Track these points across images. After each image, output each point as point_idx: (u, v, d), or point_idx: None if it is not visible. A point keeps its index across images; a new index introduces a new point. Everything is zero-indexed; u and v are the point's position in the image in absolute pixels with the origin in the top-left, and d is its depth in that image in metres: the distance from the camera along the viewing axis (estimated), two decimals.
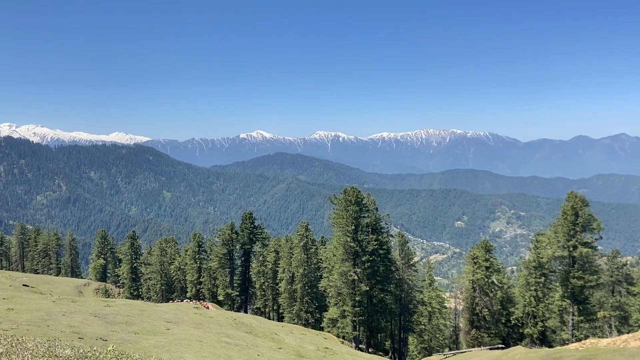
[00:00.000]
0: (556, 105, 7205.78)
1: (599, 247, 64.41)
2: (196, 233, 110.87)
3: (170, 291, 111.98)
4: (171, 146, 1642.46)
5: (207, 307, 56.92)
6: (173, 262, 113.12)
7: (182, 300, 67.68)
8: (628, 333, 45.54)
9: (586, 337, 58.88)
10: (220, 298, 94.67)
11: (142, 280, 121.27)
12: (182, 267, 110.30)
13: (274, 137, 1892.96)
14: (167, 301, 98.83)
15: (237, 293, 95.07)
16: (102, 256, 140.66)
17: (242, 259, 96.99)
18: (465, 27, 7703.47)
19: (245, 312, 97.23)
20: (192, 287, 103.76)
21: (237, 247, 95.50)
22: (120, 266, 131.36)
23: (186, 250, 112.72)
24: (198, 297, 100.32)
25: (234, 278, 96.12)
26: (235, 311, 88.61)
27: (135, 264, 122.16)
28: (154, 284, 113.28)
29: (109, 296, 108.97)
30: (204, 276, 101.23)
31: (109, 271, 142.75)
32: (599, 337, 58.95)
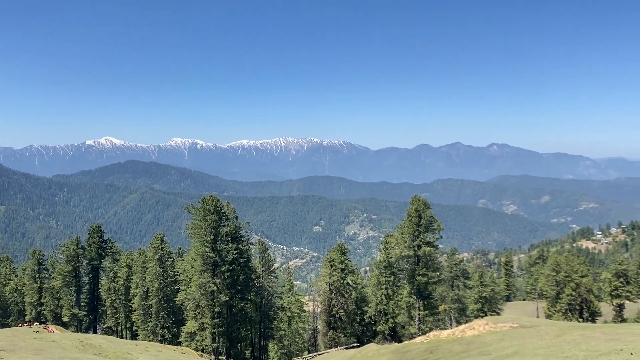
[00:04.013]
0: (401, 115, 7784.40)
1: (440, 246, 70.89)
2: (36, 250, 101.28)
3: (6, 315, 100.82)
4: (5, 154, 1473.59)
5: (52, 331, 52.02)
6: (8, 283, 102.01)
7: (22, 325, 60.99)
8: (465, 323, 50.49)
9: (430, 329, 64.15)
10: (66, 319, 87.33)
11: None
12: (19, 288, 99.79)
13: (125, 144, 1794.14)
14: (2, 327, 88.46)
15: (85, 313, 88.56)
16: None
17: (90, 275, 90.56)
18: (313, 40, 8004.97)
19: (95, 332, 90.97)
20: (32, 310, 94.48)
21: (84, 263, 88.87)
22: None
23: (24, 270, 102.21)
24: (39, 320, 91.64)
25: (81, 297, 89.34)
26: (83, 332, 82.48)
27: None
28: None
29: None
30: (45, 297, 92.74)
31: None
32: (441, 328, 64.70)
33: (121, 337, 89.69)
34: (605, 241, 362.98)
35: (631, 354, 21.13)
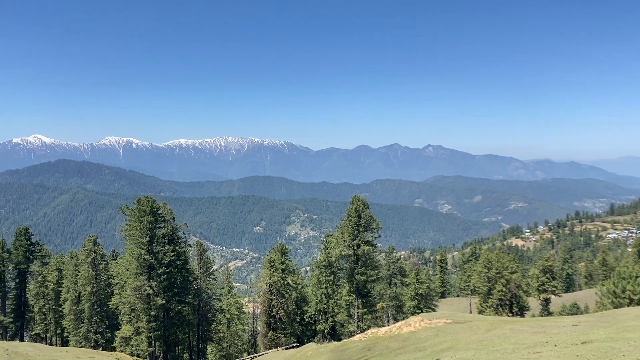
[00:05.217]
0: (342, 117, 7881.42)
1: (378, 245, 72.10)
2: None
3: None
4: None
5: None
6: None
7: None
8: (402, 320, 51.60)
9: (369, 327, 65.15)
10: None
11: None
12: None
13: (55, 142, 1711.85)
14: None
15: (11, 320, 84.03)
16: None
17: (17, 280, 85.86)
18: (253, 40, 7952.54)
19: (22, 340, 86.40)
20: None
21: (10, 267, 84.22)
22: None
23: None
24: None
25: (7, 303, 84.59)
26: (9, 340, 78.10)
27: None
28: None
29: None
30: None
31: None
32: (379, 326, 65.90)
33: (51, 344, 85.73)
34: (533, 239, 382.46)
35: (555, 345, 22.34)
